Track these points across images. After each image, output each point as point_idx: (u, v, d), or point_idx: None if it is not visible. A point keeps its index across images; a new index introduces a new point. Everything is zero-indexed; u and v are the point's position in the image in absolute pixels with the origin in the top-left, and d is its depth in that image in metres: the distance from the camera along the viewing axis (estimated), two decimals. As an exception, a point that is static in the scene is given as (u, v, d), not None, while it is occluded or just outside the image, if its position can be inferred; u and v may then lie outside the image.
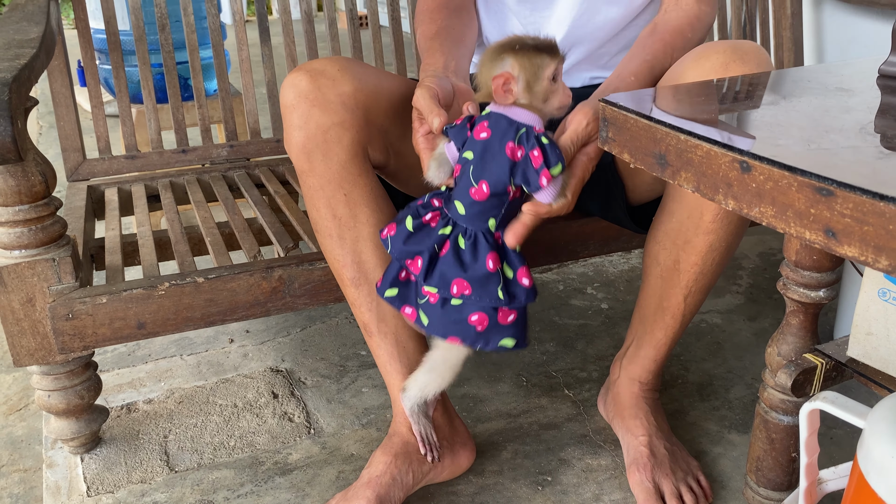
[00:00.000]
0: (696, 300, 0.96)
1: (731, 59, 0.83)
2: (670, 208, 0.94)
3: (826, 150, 0.50)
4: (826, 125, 0.56)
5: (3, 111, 0.74)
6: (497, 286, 0.81)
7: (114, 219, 1.24)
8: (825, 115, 0.59)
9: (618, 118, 0.64)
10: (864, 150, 0.50)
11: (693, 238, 0.91)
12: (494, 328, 0.83)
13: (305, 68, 0.90)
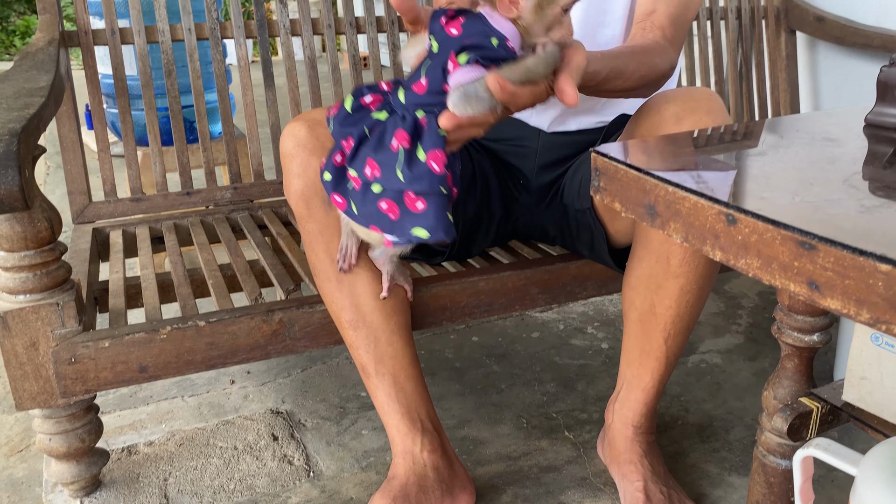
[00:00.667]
0: (678, 342, 0.97)
1: (683, 108, 0.86)
2: (639, 254, 0.95)
3: (810, 203, 0.51)
4: (811, 177, 0.57)
5: (12, 161, 0.76)
6: (396, 164, 0.75)
7: (118, 261, 1.25)
8: (810, 166, 0.60)
9: (609, 168, 0.65)
10: (846, 203, 0.51)
11: (664, 282, 0.92)
12: (406, 217, 0.77)
13: (303, 118, 0.92)
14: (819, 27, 1.88)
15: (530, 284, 1.15)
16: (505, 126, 1.18)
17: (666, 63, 0.94)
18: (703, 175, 0.60)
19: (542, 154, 1.15)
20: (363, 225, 0.79)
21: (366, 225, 0.79)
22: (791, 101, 1.94)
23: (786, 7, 1.93)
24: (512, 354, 1.47)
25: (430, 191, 0.75)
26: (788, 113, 1.94)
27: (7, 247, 0.90)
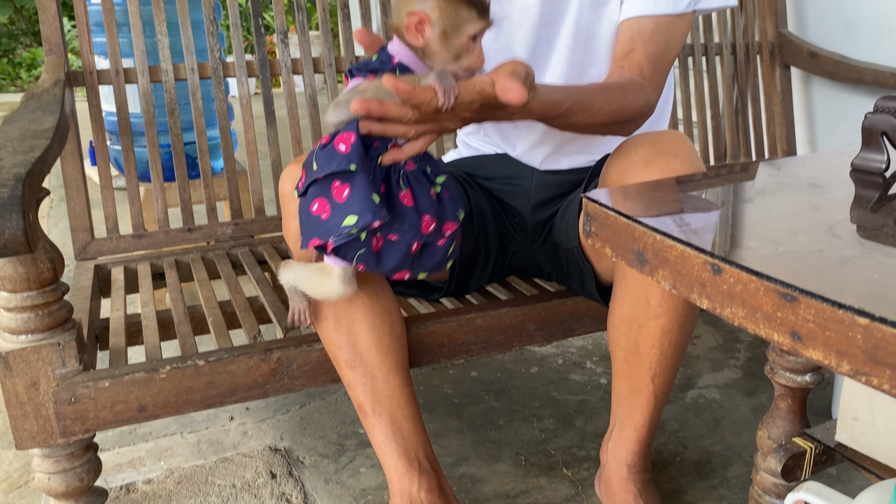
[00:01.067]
0: (664, 380, 0.98)
1: (650, 152, 0.88)
2: (619, 295, 0.96)
3: (793, 253, 0.53)
4: (795, 225, 0.59)
5: (16, 206, 0.78)
6: (313, 155, 0.80)
7: (119, 299, 1.27)
8: (795, 214, 0.61)
9: (599, 214, 0.67)
10: (828, 253, 0.52)
11: (645, 322, 0.93)
12: (336, 210, 0.78)
13: (301, 160, 0.94)
14: (813, 63, 1.91)
15: (528, 321, 1.16)
16: (500, 165, 1.20)
17: (640, 100, 0.95)
18: (691, 223, 0.61)
19: (535, 192, 1.17)
20: (304, 247, 0.82)
21: (306, 244, 0.81)
22: (787, 135, 1.96)
23: (780, 43, 1.96)
24: (511, 390, 1.47)
25: (339, 169, 0.77)
26: (784, 147, 1.96)
27: (10, 288, 0.91)
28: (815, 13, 2.03)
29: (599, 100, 0.90)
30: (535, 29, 1.08)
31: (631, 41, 1.01)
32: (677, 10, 1.01)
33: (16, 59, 8.19)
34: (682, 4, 1.01)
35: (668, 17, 1.01)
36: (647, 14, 1.01)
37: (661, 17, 1.01)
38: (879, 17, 1.85)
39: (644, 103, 0.96)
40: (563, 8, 1.06)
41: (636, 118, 0.96)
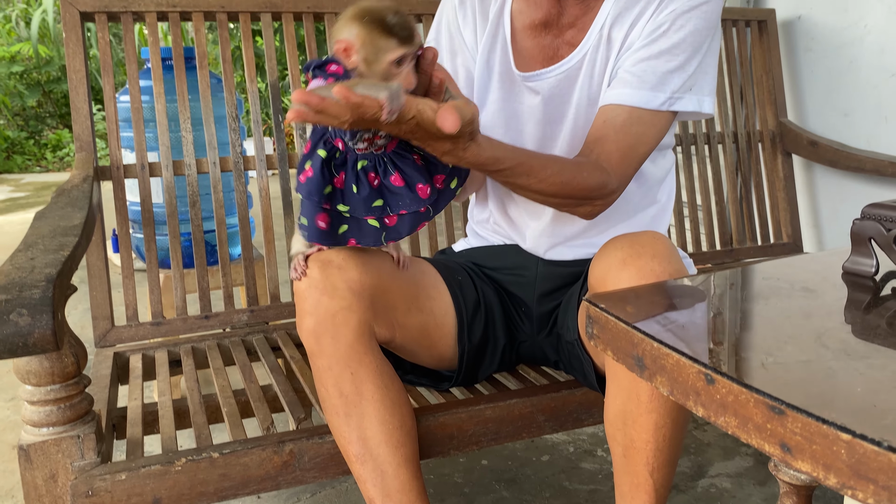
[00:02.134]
0: (664, 473, 0.98)
1: (628, 253, 0.91)
2: (612, 391, 0.98)
3: (782, 364, 0.55)
4: (786, 334, 0.61)
5: (47, 307, 0.82)
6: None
7: (136, 387, 1.29)
8: (786, 322, 0.64)
9: (600, 318, 0.70)
10: (815, 365, 0.55)
11: (638, 418, 0.94)
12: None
13: (315, 258, 0.98)
14: (813, 151, 1.97)
15: (537, 412, 1.18)
16: (506, 255, 1.24)
17: (595, 181, 0.98)
18: (688, 330, 0.64)
19: (540, 283, 1.20)
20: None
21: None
22: (791, 220, 2.00)
23: (780, 131, 2.03)
24: (522, 479, 1.47)
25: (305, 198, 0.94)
26: (789, 232, 1.99)
27: (35, 381, 0.95)
28: (814, 103, 2.10)
29: (549, 168, 0.95)
30: (540, 126, 1.14)
31: (604, 126, 1.04)
32: (652, 105, 1.03)
33: (42, 141, 8.47)
34: (657, 101, 1.03)
35: (643, 110, 1.03)
36: (623, 103, 1.04)
37: (635, 108, 1.03)
38: (875, 108, 1.92)
39: (599, 184, 0.98)
40: (564, 107, 1.12)
41: (590, 198, 0.99)
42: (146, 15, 1.51)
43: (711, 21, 1.05)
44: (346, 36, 0.82)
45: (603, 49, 1.08)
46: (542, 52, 1.12)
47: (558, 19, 1.11)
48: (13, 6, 9.12)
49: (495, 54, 1.15)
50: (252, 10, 1.58)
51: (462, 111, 0.78)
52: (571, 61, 1.09)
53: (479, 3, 1.18)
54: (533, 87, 1.12)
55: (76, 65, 1.45)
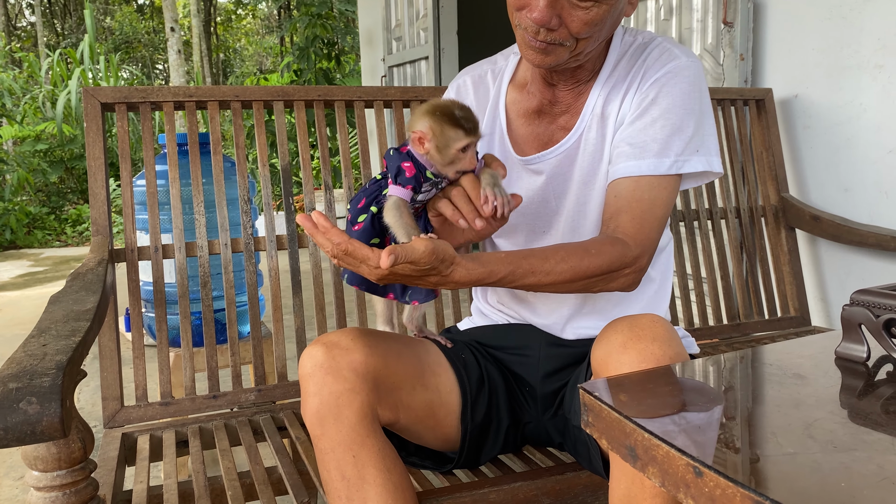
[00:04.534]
0: None
1: (628, 337, 0.93)
2: (616, 475, 0.98)
3: (768, 457, 0.56)
4: (774, 424, 0.62)
5: (56, 395, 0.84)
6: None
7: (143, 470, 1.30)
8: (775, 411, 0.65)
9: (595, 406, 0.71)
10: (802, 458, 0.56)
11: (642, 502, 0.93)
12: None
13: (321, 341, 1.00)
14: (816, 225, 1.99)
15: (542, 495, 1.17)
16: (510, 335, 1.25)
17: (610, 255, 1.00)
18: (679, 421, 0.65)
19: (544, 363, 1.21)
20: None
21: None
22: (797, 293, 2.01)
23: (783, 206, 2.05)
24: (529, 562, 1.43)
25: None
26: (796, 305, 2.00)
27: (42, 467, 0.96)
28: (814, 179, 2.13)
29: (550, 260, 0.97)
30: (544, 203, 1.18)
31: (616, 201, 1.07)
32: (660, 171, 1.06)
33: (62, 216, 8.66)
34: (664, 167, 1.06)
35: (651, 177, 1.06)
36: (630, 175, 1.07)
37: (643, 177, 1.06)
38: (875, 184, 1.95)
39: (615, 257, 1.00)
40: (567, 183, 1.16)
41: (613, 271, 1.01)
42: (164, 105, 1.58)
43: (695, 82, 1.09)
44: (420, 127, 0.97)
45: (597, 127, 1.12)
46: (537, 138, 1.17)
47: (552, 107, 1.16)
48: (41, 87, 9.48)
49: (493, 143, 1.20)
50: (265, 98, 1.65)
51: (406, 251, 0.86)
52: (569, 142, 1.14)
53: (475, 99, 1.24)
54: (535, 168, 1.17)
55: (96, 153, 1.51)
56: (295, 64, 7.38)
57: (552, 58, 1.04)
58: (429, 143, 0.97)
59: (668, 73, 1.08)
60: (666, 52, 1.10)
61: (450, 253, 0.89)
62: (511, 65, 1.22)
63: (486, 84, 1.24)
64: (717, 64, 2.36)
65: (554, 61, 1.04)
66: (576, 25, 0.99)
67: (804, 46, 2.12)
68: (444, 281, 0.92)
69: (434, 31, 4.39)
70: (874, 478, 0.52)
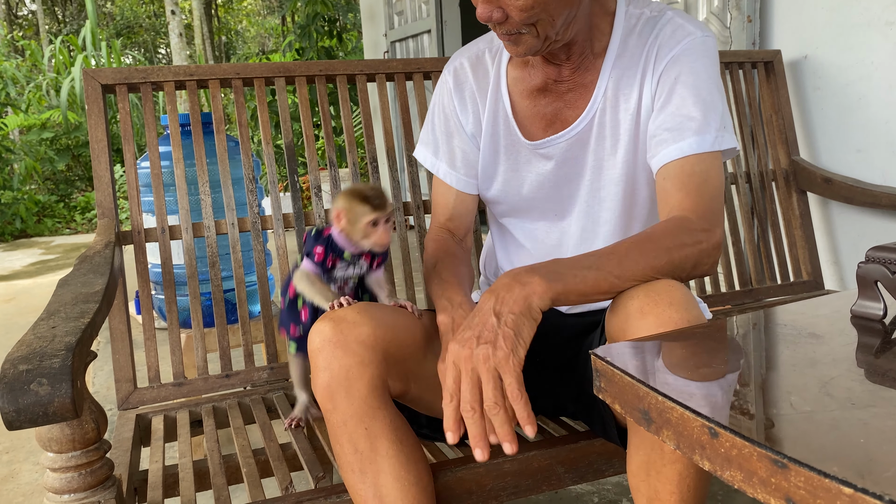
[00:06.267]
0: None
1: (645, 302, 0.90)
2: (635, 442, 0.97)
3: (786, 416, 0.55)
4: (790, 383, 0.61)
5: (66, 375, 0.84)
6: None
7: (158, 450, 1.31)
8: (791, 370, 0.64)
9: (607, 371, 0.70)
10: (820, 416, 0.55)
11: (662, 469, 0.93)
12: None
13: (328, 316, 1.00)
14: (828, 188, 1.96)
15: (556, 464, 1.17)
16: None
17: (671, 227, 0.96)
18: (693, 384, 0.64)
19: (556, 333, 1.20)
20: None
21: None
22: (810, 257, 1.99)
23: (794, 170, 2.03)
24: (545, 531, 1.44)
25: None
26: (809, 269, 1.98)
27: (56, 448, 0.96)
28: (825, 141, 2.10)
29: (627, 262, 0.93)
30: (555, 188, 1.17)
31: (665, 183, 1.04)
32: (704, 148, 1.03)
33: (71, 203, 8.69)
34: (707, 143, 1.03)
35: (696, 155, 1.03)
36: (675, 158, 1.03)
37: (688, 157, 1.03)
38: (888, 143, 1.92)
39: (677, 228, 0.96)
40: (579, 168, 1.14)
41: (684, 245, 0.95)
42: (164, 84, 1.57)
43: (714, 56, 1.07)
44: (338, 206, 1.11)
45: (611, 112, 1.10)
46: (543, 117, 1.15)
47: (557, 84, 1.13)
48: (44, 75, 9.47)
49: (499, 127, 1.18)
50: (266, 75, 1.63)
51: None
52: (581, 125, 1.11)
53: (475, 82, 1.20)
54: (545, 153, 1.14)
55: (98, 135, 1.50)
56: (297, 43, 7.33)
57: (523, 47, 1.01)
58: (343, 218, 1.09)
59: (686, 49, 1.06)
60: (679, 27, 1.07)
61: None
62: None
63: (484, 65, 1.20)
64: (724, 27, 2.32)
65: (526, 49, 1.02)
66: (514, 13, 0.97)
67: (813, 6, 2.08)
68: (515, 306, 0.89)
69: (436, 4, 4.34)
70: (893, 433, 0.51)
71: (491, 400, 0.85)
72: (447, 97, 1.21)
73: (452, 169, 1.22)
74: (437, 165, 1.24)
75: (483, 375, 0.85)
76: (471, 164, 1.21)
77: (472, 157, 1.21)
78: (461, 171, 1.21)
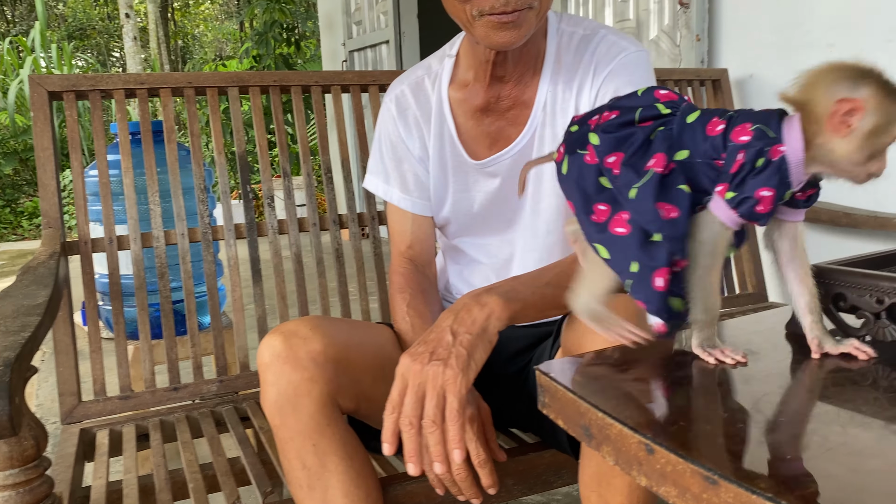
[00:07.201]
0: None
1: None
2: (587, 453, 0.98)
3: (718, 432, 0.57)
4: (725, 401, 0.63)
5: (3, 391, 0.82)
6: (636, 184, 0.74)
7: (102, 465, 1.28)
8: (727, 387, 0.66)
9: (550, 387, 0.71)
10: (750, 433, 0.56)
11: (612, 480, 0.94)
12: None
13: (280, 330, 0.99)
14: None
15: (505, 475, 1.17)
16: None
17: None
18: (633, 400, 0.66)
19: (506, 345, 1.21)
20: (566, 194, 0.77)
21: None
22: (755, 270, 2.04)
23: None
24: (496, 542, 1.45)
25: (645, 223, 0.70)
26: (754, 282, 2.03)
27: (-7, 466, 0.94)
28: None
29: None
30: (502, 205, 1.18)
31: None
32: None
33: (18, 209, 8.45)
34: None
35: None
36: None
37: None
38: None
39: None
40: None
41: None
42: (114, 92, 1.54)
43: (649, 69, 1.11)
44: (854, 94, 0.65)
45: (549, 126, 1.12)
46: (487, 136, 1.16)
47: (497, 103, 1.14)
48: (-10, 77, 9.20)
49: (445, 150, 1.18)
50: (219, 84, 1.62)
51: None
52: (522, 141, 1.13)
53: (417, 108, 1.20)
54: (491, 171, 1.16)
55: (44, 143, 1.47)
56: (254, 50, 7.27)
57: (525, 28, 1.01)
58: (861, 120, 0.65)
59: (622, 64, 1.09)
60: (613, 44, 1.10)
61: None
62: (447, 67, 1.19)
63: (425, 90, 1.21)
64: (674, 45, 2.38)
65: (527, 31, 1.01)
66: None
67: (758, 27, 2.15)
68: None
69: (394, 15, 4.35)
70: (819, 449, 0.53)
71: (430, 418, 0.86)
72: (391, 124, 1.22)
73: (406, 193, 1.22)
74: (389, 192, 1.24)
75: (428, 392, 0.86)
76: (423, 186, 1.21)
77: (424, 179, 1.21)
78: (415, 194, 1.22)
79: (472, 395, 1.01)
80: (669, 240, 0.69)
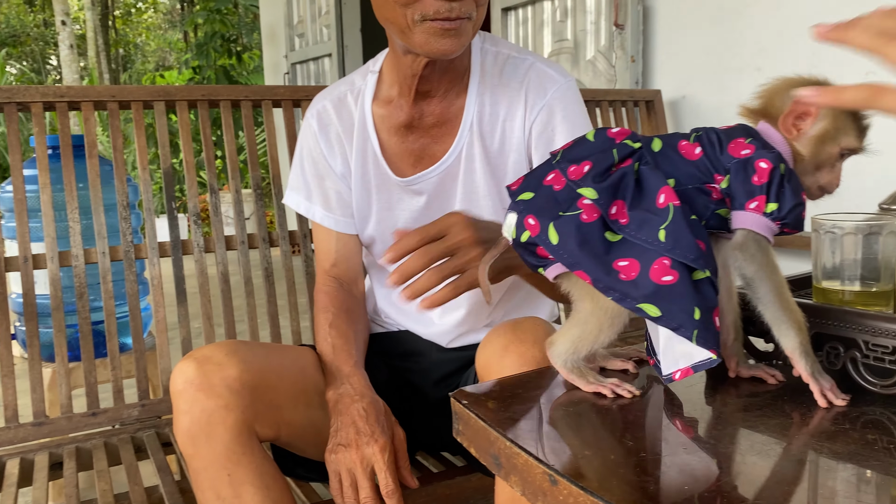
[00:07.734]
0: None
1: (510, 339, 0.92)
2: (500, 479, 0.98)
3: (623, 463, 0.56)
4: (632, 429, 0.63)
5: None
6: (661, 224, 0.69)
7: (10, 496, 1.21)
8: (637, 415, 0.66)
9: (464, 414, 0.70)
10: (650, 463, 0.56)
11: None
12: (643, 282, 0.66)
13: (193, 356, 0.96)
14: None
15: (432, 501, 1.16)
16: (399, 342, 1.24)
17: None
18: (541, 429, 0.65)
19: (436, 369, 1.20)
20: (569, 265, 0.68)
21: (572, 267, 0.68)
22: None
23: (672, 204, 2.12)
24: (427, 567, 1.43)
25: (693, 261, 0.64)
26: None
27: None
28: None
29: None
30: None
31: None
32: None
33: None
34: None
35: None
36: None
37: None
38: (755, 181, 2.04)
39: None
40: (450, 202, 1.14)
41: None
42: (31, 105, 1.48)
43: (580, 99, 1.13)
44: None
45: (478, 145, 1.11)
46: (411, 153, 1.14)
47: (421, 119, 1.13)
48: (-85, 84, 8.81)
49: (368, 167, 1.16)
50: (144, 98, 1.57)
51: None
52: (449, 159, 1.12)
53: (339, 124, 1.18)
54: (416, 189, 1.14)
55: (-48, 157, 1.40)
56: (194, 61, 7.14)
57: (465, 38, 1.00)
58: (814, 124, 0.69)
59: (555, 97, 1.09)
60: (544, 75, 1.10)
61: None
62: (370, 83, 1.17)
63: (347, 106, 1.18)
64: (609, 66, 2.42)
65: (466, 41, 1.00)
66: None
67: (691, 50, 2.20)
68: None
69: (337, 28, 4.33)
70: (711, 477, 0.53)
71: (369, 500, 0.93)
72: (313, 140, 1.19)
73: (329, 211, 1.20)
74: (312, 210, 1.21)
75: (357, 476, 0.94)
76: (346, 204, 1.19)
77: (347, 197, 1.19)
78: (337, 212, 1.19)
79: (387, 420, 1.00)
80: (715, 273, 0.65)
